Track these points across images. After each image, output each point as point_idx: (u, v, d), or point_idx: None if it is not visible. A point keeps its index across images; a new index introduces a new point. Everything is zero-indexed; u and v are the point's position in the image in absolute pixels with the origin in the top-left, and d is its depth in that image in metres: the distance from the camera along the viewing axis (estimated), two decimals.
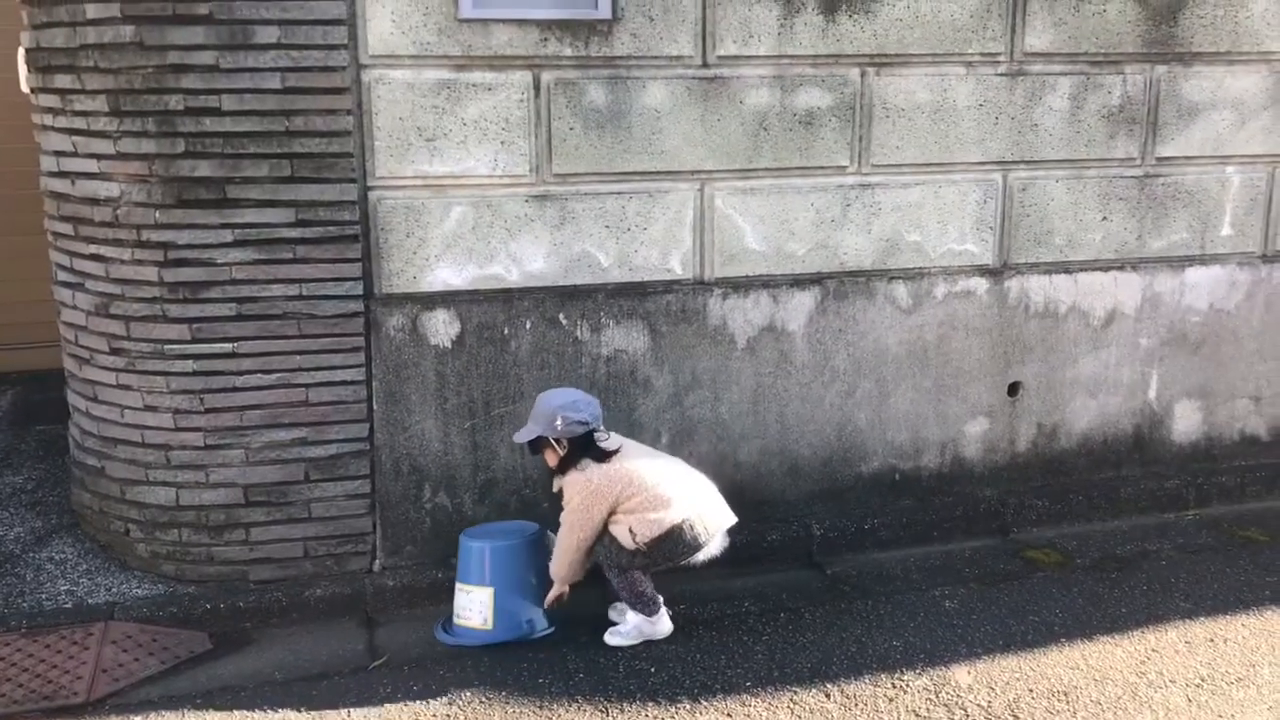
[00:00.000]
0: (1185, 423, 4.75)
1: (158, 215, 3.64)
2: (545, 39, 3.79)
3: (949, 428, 4.45)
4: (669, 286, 4.09)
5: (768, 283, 4.17)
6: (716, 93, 3.97)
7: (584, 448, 3.58)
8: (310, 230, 3.72)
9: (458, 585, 3.72)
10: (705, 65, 3.95)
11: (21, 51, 3.87)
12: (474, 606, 3.66)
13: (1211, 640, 3.67)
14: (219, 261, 3.68)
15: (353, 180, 3.73)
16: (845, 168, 4.16)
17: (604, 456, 3.57)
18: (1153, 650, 3.61)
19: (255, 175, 3.65)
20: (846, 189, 4.17)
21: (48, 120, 3.80)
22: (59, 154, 3.78)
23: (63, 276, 3.94)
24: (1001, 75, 4.22)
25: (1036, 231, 4.40)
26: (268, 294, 3.73)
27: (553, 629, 3.71)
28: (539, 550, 3.76)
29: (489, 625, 3.65)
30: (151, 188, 3.63)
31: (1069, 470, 4.64)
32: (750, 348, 4.18)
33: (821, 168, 4.13)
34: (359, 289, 3.80)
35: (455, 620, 3.70)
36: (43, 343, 5.27)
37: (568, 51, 3.81)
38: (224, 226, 3.66)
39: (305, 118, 3.65)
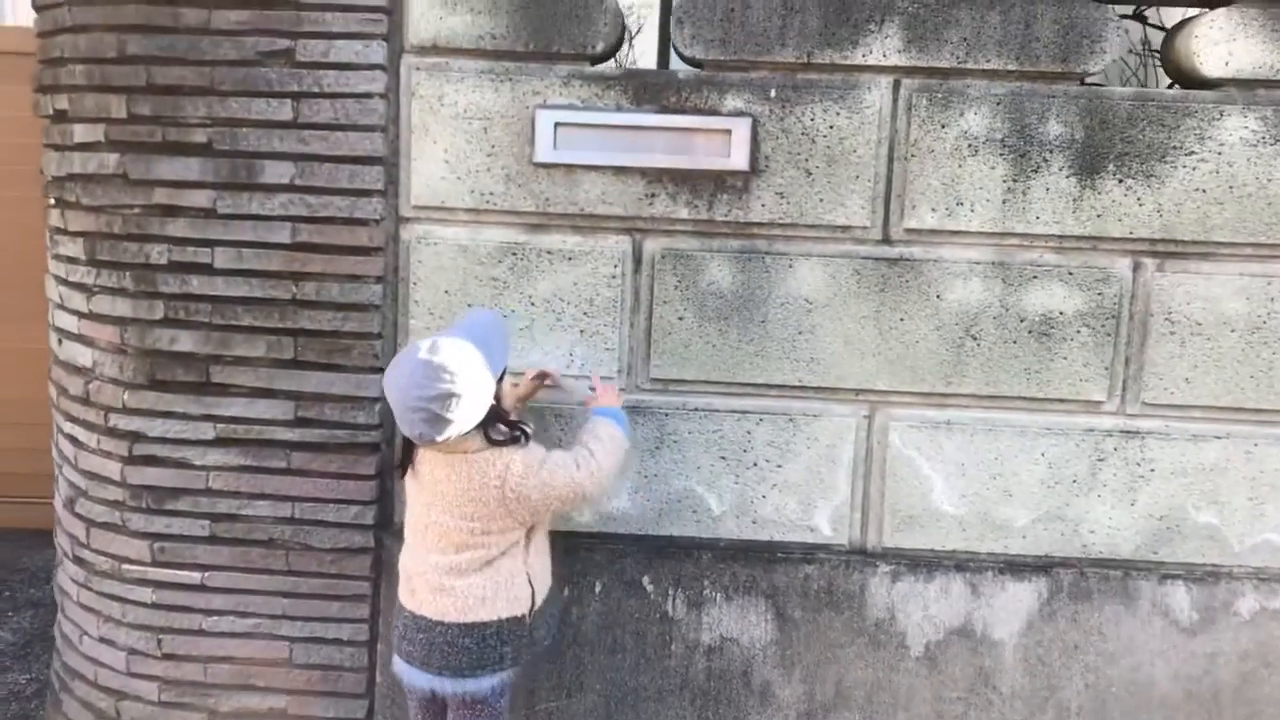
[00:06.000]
0: None
1: (125, 397, 2.78)
2: (652, 194, 2.68)
3: None
4: (810, 553, 2.80)
5: (964, 564, 2.79)
6: (900, 280, 2.71)
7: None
8: (313, 432, 2.74)
9: None
10: (886, 240, 2.70)
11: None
12: None
13: None
14: (195, 464, 2.77)
15: (376, 370, 2.73)
16: (1100, 404, 2.74)
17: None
18: None
19: (249, 355, 2.73)
20: (1099, 435, 2.75)
21: (49, 261, 3.07)
22: (52, 303, 3.04)
23: (59, 447, 3.17)
24: None
25: None
26: (251, 512, 2.77)
27: None
28: None
29: None
30: (124, 361, 2.78)
31: None
32: (930, 658, 2.79)
33: (1061, 400, 2.74)
34: (370, 516, 2.77)
35: None
36: None
37: (683, 213, 2.69)
38: (205, 419, 2.76)
39: (319, 284, 2.70)
